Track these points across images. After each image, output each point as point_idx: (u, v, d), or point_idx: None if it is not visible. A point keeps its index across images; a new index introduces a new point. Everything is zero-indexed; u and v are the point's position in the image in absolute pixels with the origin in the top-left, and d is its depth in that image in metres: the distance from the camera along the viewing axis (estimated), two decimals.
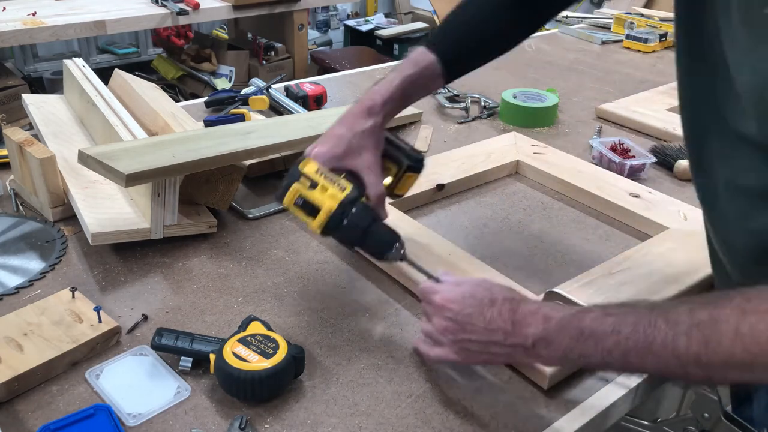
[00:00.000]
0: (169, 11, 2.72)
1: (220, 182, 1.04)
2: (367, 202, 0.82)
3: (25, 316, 0.81)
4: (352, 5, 5.22)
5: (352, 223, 0.78)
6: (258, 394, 0.72)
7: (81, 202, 0.99)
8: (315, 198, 0.78)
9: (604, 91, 1.77)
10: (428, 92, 0.90)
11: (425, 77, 0.87)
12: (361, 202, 0.80)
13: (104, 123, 1.14)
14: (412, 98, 0.89)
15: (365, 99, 0.86)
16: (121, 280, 0.93)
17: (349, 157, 0.83)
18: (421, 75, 0.87)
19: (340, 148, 0.82)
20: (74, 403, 0.72)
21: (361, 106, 0.85)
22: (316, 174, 0.79)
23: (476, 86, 1.71)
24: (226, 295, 0.91)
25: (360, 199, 0.80)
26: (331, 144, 0.83)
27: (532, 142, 1.35)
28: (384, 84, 0.86)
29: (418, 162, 0.91)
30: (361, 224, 0.78)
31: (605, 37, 2.24)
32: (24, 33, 2.40)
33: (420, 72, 0.87)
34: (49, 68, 3.71)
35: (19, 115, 2.27)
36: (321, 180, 0.79)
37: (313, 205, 0.78)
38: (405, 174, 0.91)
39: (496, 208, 1.17)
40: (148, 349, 0.80)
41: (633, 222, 1.11)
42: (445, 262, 0.94)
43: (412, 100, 0.90)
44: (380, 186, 0.84)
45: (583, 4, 4.34)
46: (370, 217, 0.79)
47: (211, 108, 1.52)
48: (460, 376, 0.79)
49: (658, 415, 0.80)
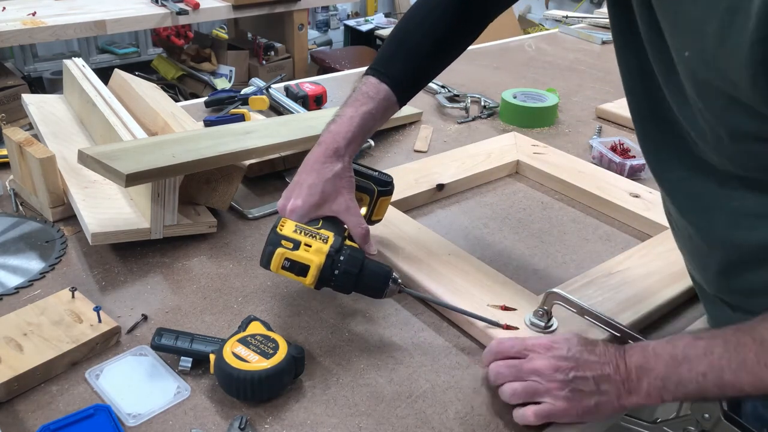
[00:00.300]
0: (169, 11, 2.72)
1: (220, 182, 1.04)
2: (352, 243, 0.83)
3: (25, 316, 0.81)
4: (352, 5, 5.22)
5: (344, 270, 0.79)
6: (258, 394, 0.72)
7: (81, 202, 0.99)
8: (301, 257, 0.78)
9: (604, 91, 1.77)
10: (384, 122, 0.92)
11: (382, 109, 0.88)
12: (348, 246, 0.80)
13: (104, 123, 1.14)
14: (371, 132, 0.90)
15: (327, 141, 0.85)
16: (120, 280, 0.93)
17: (326, 204, 0.83)
18: (378, 108, 0.88)
19: (315, 198, 0.82)
20: (74, 403, 0.72)
21: (325, 150, 0.84)
22: (295, 233, 0.79)
23: (476, 86, 1.71)
24: (226, 295, 0.91)
25: (344, 243, 0.80)
26: (304, 195, 0.82)
27: (532, 142, 1.35)
28: (344, 123, 0.86)
29: (388, 185, 0.91)
30: (353, 270, 0.79)
31: (605, 37, 2.23)
32: (24, 33, 2.40)
33: (377, 106, 0.87)
34: (49, 68, 3.71)
35: (19, 115, 2.27)
36: (302, 238, 0.79)
37: (301, 264, 0.78)
38: (378, 200, 0.91)
39: (496, 208, 1.17)
40: (147, 349, 0.79)
41: (633, 222, 1.11)
42: (445, 262, 0.94)
43: (370, 134, 0.91)
44: (363, 224, 0.85)
45: (583, 4, 4.34)
46: (360, 260, 0.80)
47: (210, 108, 1.52)
48: (460, 375, 0.79)
49: (658, 416, 0.80)
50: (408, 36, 0.92)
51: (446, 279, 0.90)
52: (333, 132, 0.86)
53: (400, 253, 0.96)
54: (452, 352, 0.82)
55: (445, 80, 1.69)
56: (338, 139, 0.85)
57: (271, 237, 0.79)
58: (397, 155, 1.34)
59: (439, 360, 0.81)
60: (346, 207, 0.84)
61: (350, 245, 0.82)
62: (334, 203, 0.83)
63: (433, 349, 0.83)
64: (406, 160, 1.30)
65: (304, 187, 0.83)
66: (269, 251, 0.78)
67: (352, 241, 0.83)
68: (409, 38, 0.92)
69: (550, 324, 0.82)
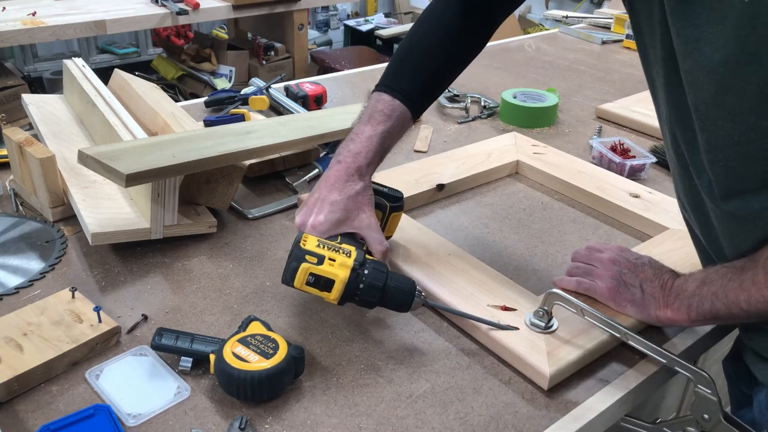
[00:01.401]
0: (169, 11, 2.72)
1: (220, 182, 1.04)
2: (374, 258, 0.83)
3: (25, 316, 0.81)
4: (352, 5, 5.22)
5: (369, 284, 0.78)
6: (258, 394, 0.72)
7: (81, 202, 0.99)
8: (326, 272, 0.77)
9: (604, 91, 1.77)
10: (401, 137, 0.92)
11: (398, 127, 0.90)
12: (370, 260, 0.80)
13: (104, 123, 1.14)
14: (389, 150, 0.91)
15: (348, 160, 0.86)
16: (121, 280, 0.93)
17: (348, 221, 0.84)
18: (395, 126, 0.89)
19: (337, 214, 0.83)
20: (74, 403, 0.72)
21: (347, 169, 0.85)
22: (318, 248, 0.78)
23: (476, 86, 1.71)
24: (226, 295, 0.91)
25: (366, 258, 0.80)
26: (326, 212, 0.83)
27: (532, 142, 1.35)
28: (364, 143, 0.87)
29: (399, 200, 0.93)
30: (377, 284, 0.79)
31: (605, 37, 2.24)
32: (24, 33, 2.40)
33: (393, 123, 0.88)
34: (49, 68, 3.71)
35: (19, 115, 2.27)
36: (326, 252, 0.78)
37: (326, 279, 0.77)
38: (390, 215, 0.92)
39: (496, 208, 1.17)
40: (148, 349, 0.79)
41: (633, 222, 1.11)
42: (445, 262, 0.94)
43: (388, 152, 0.92)
44: (384, 242, 0.85)
45: (583, 4, 4.34)
46: (384, 273, 0.79)
47: (210, 108, 1.52)
48: (460, 376, 0.79)
49: (658, 416, 0.80)
50: (415, 49, 0.93)
51: (446, 279, 0.90)
52: (353, 152, 0.87)
53: (400, 253, 0.96)
54: (452, 353, 0.82)
55: None
56: (359, 160, 0.86)
57: (295, 252, 0.78)
58: (397, 155, 1.34)
59: (439, 360, 0.81)
60: (368, 224, 0.85)
61: (373, 259, 0.81)
62: (356, 220, 0.84)
63: (433, 349, 0.83)
64: (406, 160, 1.30)
65: (326, 204, 0.83)
66: (293, 267, 0.77)
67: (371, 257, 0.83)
68: (417, 52, 0.93)
69: (551, 324, 0.82)
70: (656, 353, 0.75)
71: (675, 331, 0.86)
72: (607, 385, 0.78)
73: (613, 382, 0.79)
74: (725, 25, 0.58)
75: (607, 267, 0.86)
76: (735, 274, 0.70)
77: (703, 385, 0.72)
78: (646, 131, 1.48)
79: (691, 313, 0.75)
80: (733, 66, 0.59)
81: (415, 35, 0.95)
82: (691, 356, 0.87)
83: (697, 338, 0.86)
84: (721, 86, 0.61)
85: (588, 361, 0.80)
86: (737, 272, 0.70)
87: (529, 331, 0.81)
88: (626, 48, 2.17)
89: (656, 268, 0.83)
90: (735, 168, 0.66)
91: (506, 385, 0.78)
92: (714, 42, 0.59)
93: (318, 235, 0.81)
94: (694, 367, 0.73)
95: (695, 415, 0.74)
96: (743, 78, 0.59)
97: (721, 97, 0.62)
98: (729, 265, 0.72)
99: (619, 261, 0.85)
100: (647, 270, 0.83)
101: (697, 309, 0.74)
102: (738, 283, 0.69)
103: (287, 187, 1.19)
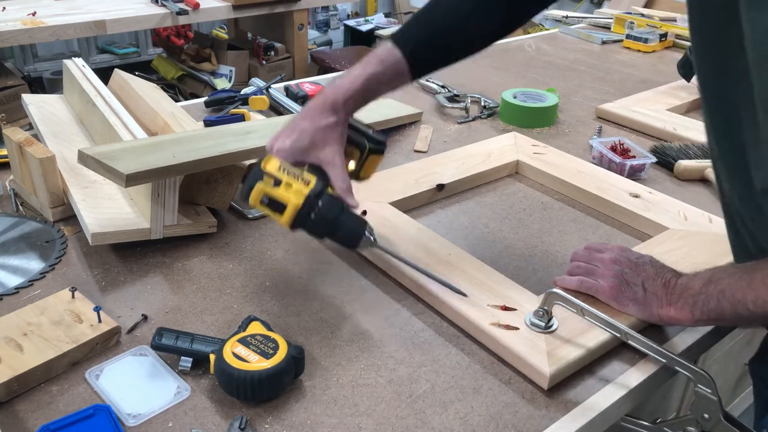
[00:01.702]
0: (169, 11, 2.71)
1: (220, 182, 1.04)
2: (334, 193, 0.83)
3: (24, 316, 0.81)
4: (352, 5, 5.22)
5: (320, 216, 0.79)
6: (258, 394, 0.72)
7: (81, 202, 0.99)
8: (280, 195, 0.78)
9: (604, 91, 1.77)
10: (392, 89, 0.91)
11: (390, 76, 0.88)
12: (327, 194, 0.80)
13: (104, 123, 1.14)
14: (375, 95, 0.90)
15: (328, 93, 0.86)
16: (121, 280, 0.93)
17: (313, 151, 0.84)
18: (386, 73, 0.88)
19: (303, 142, 0.83)
20: (74, 403, 0.72)
21: (323, 101, 0.85)
22: (278, 171, 0.79)
23: (476, 86, 1.71)
24: (226, 295, 0.91)
25: (325, 190, 0.80)
26: (294, 138, 0.83)
27: (532, 142, 1.35)
28: (348, 80, 0.87)
29: (380, 144, 0.91)
30: (329, 216, 0.79)
31: (605, 37, 2.24)
32: (24, 33, 2.40)
33: (384, 70, 0.87)
34: (49, 68, 3.71)
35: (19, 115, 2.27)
36: (284, 177, 0.79)
37: (279, 202, 0.78)
38: (368, 157, 0.91)
39: (496, 208, 1.17)
40: (148, 349, 0.79)
41: (633, 222, 1.11)
42: (445, 262, 0.94)
43: (375, 97, 0.90)
44: (346, 179, 0.85)
45: (583, 4, 4.34)
46: (338, 208, 0.80)
47: (210, 108, 1.52)
48: (460, 376, 0.79)
49: (658, 416, 0.80)
50: (435, 10, 0.91)
51: (446, 279, 0.90)
52: (336, 86, 0.86)
53: (400, 253, 0.95)
54: (452, 352, 0.82)
55: (445, 80, 1.69)
56: (337, 94, 0.85)
57: (253, 170, 0.79)
58: (397, 155, 1.34)
59: (439, 360, 0.81)
60: (332, 158, 0.84)
61: (331, 193, 0.81)
62: (321, 152, 0.84)
63: (433, 349, 0.83)
64: (406, 160, 1.30)
65: (295, 131, 0.84)
66: (249, 185, 0.79)
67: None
68: (435, 13, 0.91)
69: (551, 324, 0.82)
70: (656, 353, 0.75)
71: (675, 330, 0.86)
72: (608, 385, 0.78)
73: (614, 382, 0.78)
74: None
75: (609, 266, 0.85)
76: (744, 273, 0.70)
77: (704, 385, 0.72)
78: (646, 131, 1.48)
79: (695, 311, 0.75)
80: None
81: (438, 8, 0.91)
82: (691, 356, 0.87)
83: (698, 338, 0.86)
84: None
85: (588, 360, 0.80)
86: (747, 271, 0.70)
87: (529, 330, 0.81)
88: (626, 48, 2.17)
89: (658, 267, 0.83)
90: None
91: (506, 384, 0.78)
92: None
93: (282, 159, 0.82)
94: (695, 366, 0.73)
95: (695, 414, 0.74)
96: None
97: None
98: (739, 265, 0.72)
99: (620, 260, 0.85)
100: (649, 269, 0.83)
101: (702, 307, 0.74)
102: (747, 282, 0.69)
103: None
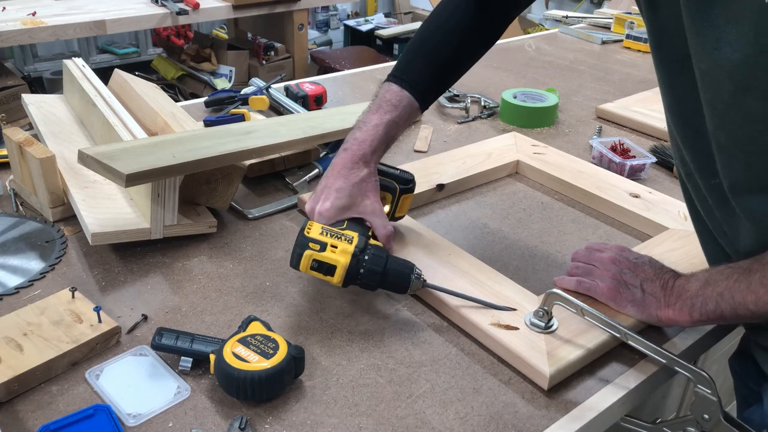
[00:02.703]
0: (169, 11, 2.72)
1: (220, 182, 1.04)
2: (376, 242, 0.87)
3: (24, 316, 0.81)
4: (352, 5, 5.22)
5: (368, 270, 0.83)
6: (258, 394, 0.72)
7: (81, 202, 0.99)
8: (328, 258, 0.82)
9: (604, 91, 1.77)
10: (408, 127, 0.96)
11: (405, 117, 0.92)
12: (371, 245, 0.84)
13: (104, 123, 1.14)
14: (395, 138, 0.94)
15: (354, 148, 0.89)
16: (121, 280, 0.93)
17: (354, 207, 0.88)
18: (402, 115, 0.91)
19: (343, 200, 0.87)
20: (74, 403, 0.72)
21: (352, 156, 0.89)
22: (321, 236, 0.83)
23: (476, 86, 1.71)
24: (226, 295, 0.91)
25: (368, 243, 0.84)
26: (332, 198, 0.87)
27: (532, 142, 1.35)
28: (369, 131, 0.90)
29: (410, 183, 0.96)
30: (377, 268, 0.83)
31: (605, 37, 2.24)
32: (24, 33, 2.40)
33: (400, 113, 0.91)
34: (49, 68, 3.71)
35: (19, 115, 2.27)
36: (329, 240, 0.82)
37: (328, 265, 0.82)
38: (400, 198, 0.96)
39: (496, 208, 1.17)
40: (148, 349, 0.79)
41: (633, 222, 1.11)
42: (445, 262, 0.94)
43: (395, 140, 0.94)
44: (387, 224, 0.89)
45: (583, 4, 4.35)
46: (383, 259, 0.83)
47: (210, 108, 1.52)
48: (460, 375, 0.79)
49: (658, 416, 0.80)
50: (427, 42, 0.95)
51: (446, 279, 0.90)
52: (359, 140, 0.90)
53: (400, 254, 0.96)
54: (452, 352, 0.82)
55: None
56: (364, 147, 0.89)
57: (299, 240, 0.83)
58: (397, 155, 1.34)
59: (439, 360, 0.81)
60: (372, 209, 0.89)
61: (374, 244, 0.85)
62: (361, 206, 0.88)
63: (433, 349, 0.83)
64: (406, 160, 1.30)
65: (332, 191, 0.87)
66: (298, 253, 0.82)
67: (376, 240, 0.87)
68: (428, 44, 0.95)
69: (551, 324, 0.82)
70: (656, 353, 0.75)
71: (675, 331, 0.86)
72: (607, 385, 0.78)
73: (614, 382, 0.78)
74: (744, 26, 0.58)
75: (608, 267, 0.86)
76: (742, 275, 0.70)
77: (703, 385, 0.72)
78: (646, 131, 1.48)
79: (694, 313, 0.75)
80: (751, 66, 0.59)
81: (428, 28, 0.96)
82: (691, 356, 0.87)
83: (697, 338, 0.86)
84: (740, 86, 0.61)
85: (588, 361, 0.80)
86: (744, 273, 0.70)
87: (529, 331, 0.81)
88: (626, 48, 2.17)
89: (657, 267, 0.83)
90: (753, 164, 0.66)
91: (506, 385, 0.78)
92: (734, 43, 0.59)
93: (325, 221, 0.86)
94: (694, 367, 0.73)
95: (695, 415, 0.74)
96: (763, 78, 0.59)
97: (740, 96, 0.62)
98: (734, 266, 0.72)
99: (619, 261, 0.85)
100: (648, 270, 0.83)
101: (701, 309, 0.74)
102: (746, 284, 0.69)
103: (287, 187, 1.19)
